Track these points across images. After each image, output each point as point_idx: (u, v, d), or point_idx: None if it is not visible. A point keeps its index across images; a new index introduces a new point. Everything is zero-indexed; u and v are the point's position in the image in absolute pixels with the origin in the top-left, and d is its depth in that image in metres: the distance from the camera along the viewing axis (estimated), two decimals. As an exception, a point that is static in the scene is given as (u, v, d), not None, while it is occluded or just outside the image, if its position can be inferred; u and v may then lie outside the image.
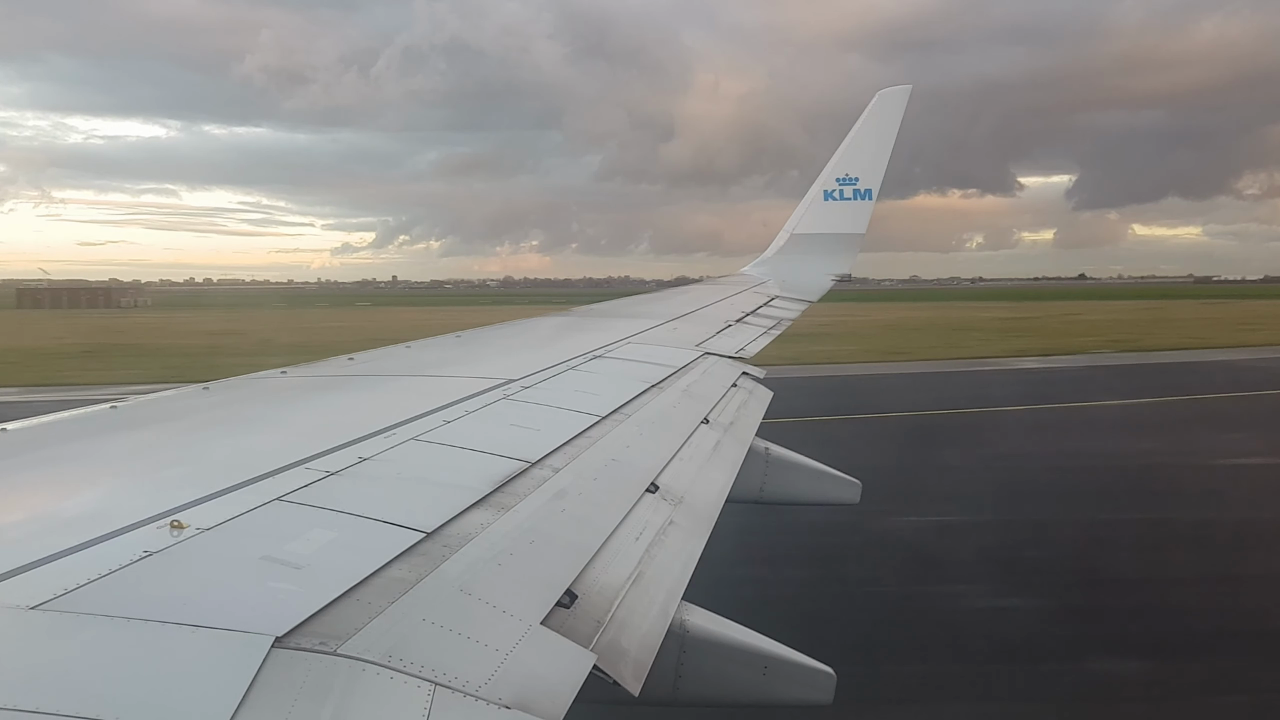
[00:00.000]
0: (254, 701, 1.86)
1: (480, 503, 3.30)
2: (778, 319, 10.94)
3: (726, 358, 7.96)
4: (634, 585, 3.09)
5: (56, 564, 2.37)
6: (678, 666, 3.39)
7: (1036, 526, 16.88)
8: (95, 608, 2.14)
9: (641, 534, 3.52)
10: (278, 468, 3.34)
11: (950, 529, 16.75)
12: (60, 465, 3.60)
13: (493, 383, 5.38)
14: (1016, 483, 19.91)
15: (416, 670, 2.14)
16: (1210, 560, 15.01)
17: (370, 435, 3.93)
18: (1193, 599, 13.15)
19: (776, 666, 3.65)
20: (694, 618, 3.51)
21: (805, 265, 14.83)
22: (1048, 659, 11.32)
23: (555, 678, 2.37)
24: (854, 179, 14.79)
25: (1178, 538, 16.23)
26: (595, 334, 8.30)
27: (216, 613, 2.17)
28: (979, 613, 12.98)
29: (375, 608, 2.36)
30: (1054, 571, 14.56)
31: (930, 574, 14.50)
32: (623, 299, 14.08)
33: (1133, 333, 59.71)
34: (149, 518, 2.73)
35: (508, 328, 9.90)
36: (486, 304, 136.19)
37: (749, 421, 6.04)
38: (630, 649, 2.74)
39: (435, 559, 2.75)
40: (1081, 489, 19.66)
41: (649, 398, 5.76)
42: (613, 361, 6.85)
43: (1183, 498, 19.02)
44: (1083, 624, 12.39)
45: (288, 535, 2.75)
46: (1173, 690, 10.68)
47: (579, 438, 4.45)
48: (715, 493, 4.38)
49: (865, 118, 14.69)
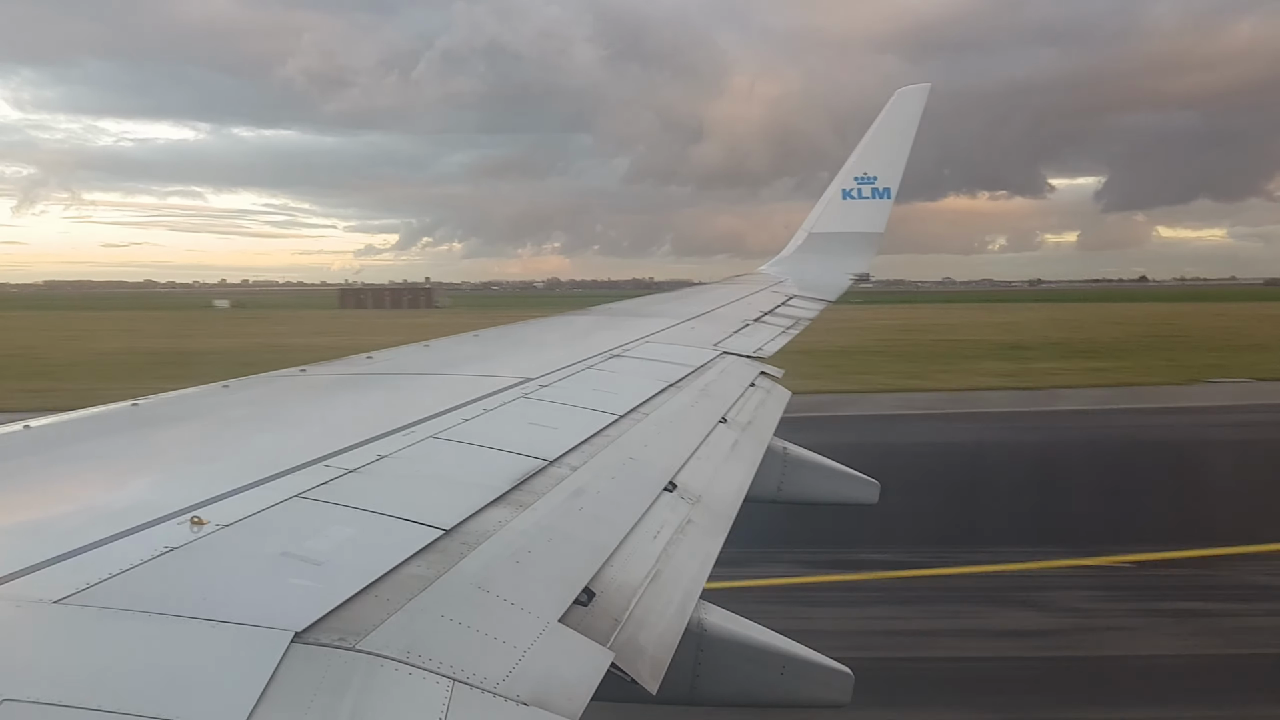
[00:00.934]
0: (273, 696, 1.86)
1: (498, 500, 3.30)
2: (795, 318, 10.91)
3: (744, 357, 7.94)
4: (652, 583, 3.08)
5: (78, 559, 2.38)
6: (695, 665, 3.38)
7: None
8: (116, 603, 2.16)
9: (659, 532, 3.51)
10: (297, 465, 3.35)
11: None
12: (82, 462, 3.63)
13: (511, 381, 5.39)
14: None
15: (435, 666, 2.14)
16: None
17: (389, 433, 3.95)
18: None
19: (794, 666, 3.63)
20: (712, 617, 3.50)
21: (823, 264, 14.77)
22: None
23: (573, 675, 2.37)
24: (872, 178, 14.71)
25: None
26: (613, 333, 8.31)
27: (236, 608, 2.18)
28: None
29: (394, 604, 2.36)
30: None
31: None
32: (640, 298, 14.09)
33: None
34: (169, 514, 2.75)
35: (525, 327, 9.92)
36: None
37: (767, 421, 6.02)
38: (648, 647, 2.74)
39: (453, 556, 2.75)
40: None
41: (667, 397, 5.75)
42: (630, 360, 6.85)
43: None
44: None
45: (307, 532, 2.76)
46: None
47: (597, 436, 4.45)
48: (733, 492, 4.37)
49: (884, 116, 14.62)
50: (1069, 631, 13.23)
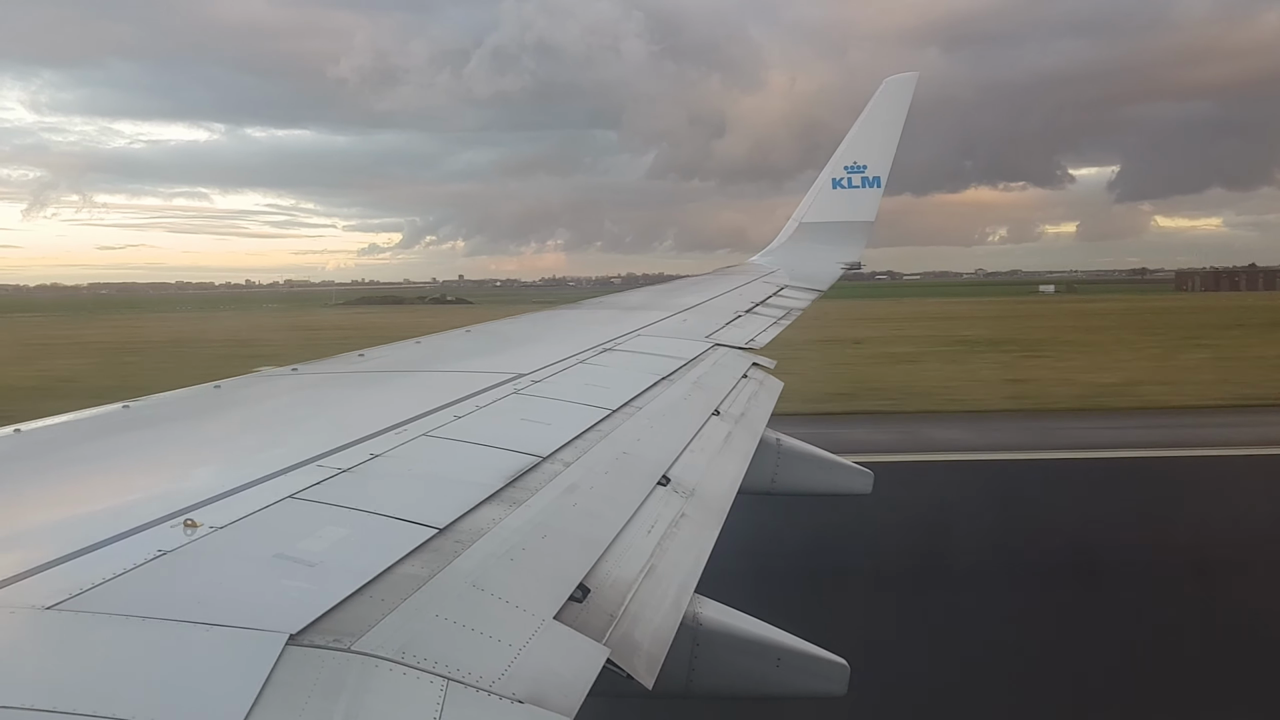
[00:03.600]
0: (268, 699, 1.86)
1: (492, 498, 3.30)
2: (787, 309, 10.91)
3: (737, 349, 7.94)
4: (646, 578, 3.09)
5: (71, 564, 2.38)
6: (691, 659, 3.39)
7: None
8: (109, 607, 2.15)
9: (653, 527, 3.52)
10: (290, 465, 3.34)
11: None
12: (74, 465, 3.62)
13: (503, 377, 5.38)
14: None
15: (429, 666, 2.14)
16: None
17: (381, 431, 3.94)
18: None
19: (790, 658, 3.64)
20: (707, 610, 3.50)
21: (814, 254, 14.77)
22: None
23: (568, 672, 2.37)
24: (862, 167, 14.71)
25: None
26: (605, 327, 8.30)
27: (230, 611, 2.18)
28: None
29: (388, 604, 2.36)
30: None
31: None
32: (631, 291, 14.04)
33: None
34: (162, 517, 2.74)
35: (517, 321, 9.90)
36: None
37: (760, 413, 6.02)
38: (643, 642, 2.74)
39: (447, 555, 2.75)
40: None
41: (659, 390, 5.75)
42: (623, 354, 6.84)
43: None
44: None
45: (300, 533, 2.75)
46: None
47: (590, 431, 4.45)
48: (727, 485, 4.38)
49: (872, 105, 14.61)
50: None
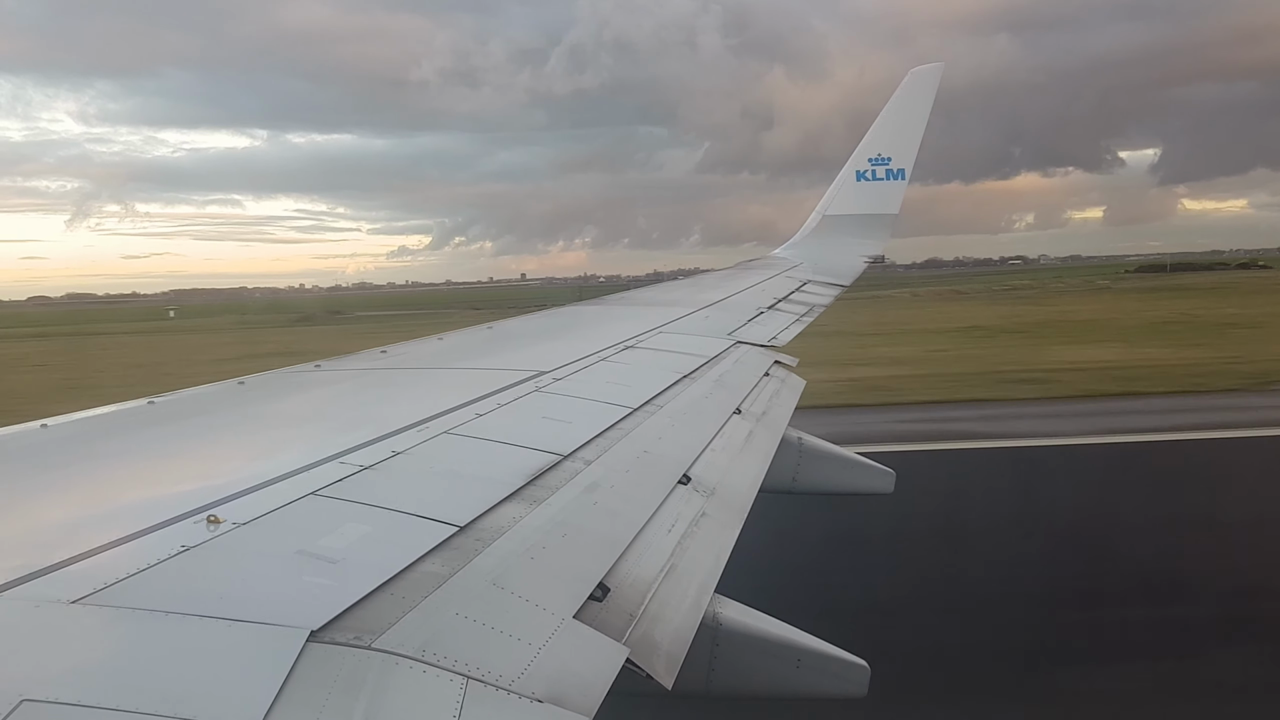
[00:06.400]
0: (290, 695, 1.87)
1: (513, 496, 3.30)
2: (810, 305, 10.84)
3: (759, 346, 7.91)
4: (666, 578, 3.08)
5: (96, 559, 2.40)
6: (710, 659, 3.37)
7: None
8: (134, 602, 2.17)
9: (674, 526, 3.51)
10: (312, 462, 3.36)
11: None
12: (98, 461, 3.65)
13: (524, 375, 5.38)
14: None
15: (450, 664, 2.15)
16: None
17: (403, 429, 3.95)
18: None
19: (810, 659, 3.62)
20: (727, 610, 3.49)
21: (838, 247, 14.67)
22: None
23: (588, 671, 2.37)
24: (886, 159, 14.59)
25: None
26: (627, 324, 8.28)
27: (252, 607, 2.19)
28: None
29: (409, 602, 2.37)
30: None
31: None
32: (654, 286, 14.00)
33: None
34: (186, 513, 2.76)
35: (539, 319, 9.91)
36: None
37: (781, 411, 5.99)
38: (663, 642, 2.73)
39: (468, 553, 2.76)
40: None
41: (681, 388, 5.73)
42: (644, 352, 6.83)
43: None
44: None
45: (322, 530, 2.77)
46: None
47: (611, 430, 4.44)
48: (748, 484, 4.36)
49: (897, 97, 14.49)
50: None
